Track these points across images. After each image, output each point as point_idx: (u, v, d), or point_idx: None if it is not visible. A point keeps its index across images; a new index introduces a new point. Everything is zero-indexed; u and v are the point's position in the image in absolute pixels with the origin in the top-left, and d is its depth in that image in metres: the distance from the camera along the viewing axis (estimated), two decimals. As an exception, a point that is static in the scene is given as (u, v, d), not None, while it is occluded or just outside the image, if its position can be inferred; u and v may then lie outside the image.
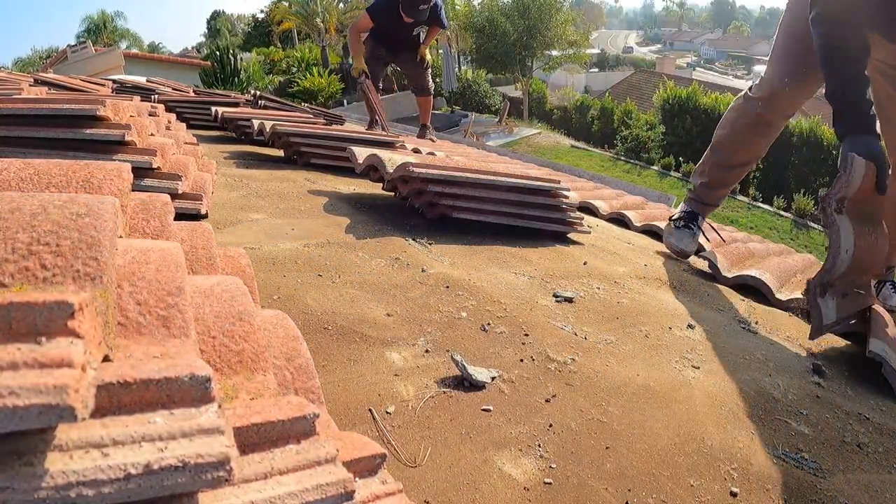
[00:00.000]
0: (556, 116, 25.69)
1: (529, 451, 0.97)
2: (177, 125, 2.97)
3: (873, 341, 1.57)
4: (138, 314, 0.55)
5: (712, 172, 2.52)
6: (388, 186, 2.27)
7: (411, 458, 0.91)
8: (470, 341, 1.30)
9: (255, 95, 5.34)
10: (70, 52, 18.75)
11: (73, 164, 0.92)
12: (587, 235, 2.43)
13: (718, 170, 2.50)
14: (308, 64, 23.10)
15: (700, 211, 2.56)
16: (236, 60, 14.97)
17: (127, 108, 1.80)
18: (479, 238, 2.06)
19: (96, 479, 0.38)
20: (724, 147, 2.47)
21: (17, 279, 0.46)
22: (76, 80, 4.14)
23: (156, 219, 0.91)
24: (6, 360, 0.38)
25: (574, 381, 1.20)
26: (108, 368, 0.44)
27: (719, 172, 2.51)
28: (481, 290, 1.57)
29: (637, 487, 0.94)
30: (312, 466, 0.53)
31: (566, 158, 17.16)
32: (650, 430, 1.08)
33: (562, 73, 28.05)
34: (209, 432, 0.43)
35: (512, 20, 24.25)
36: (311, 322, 1.25)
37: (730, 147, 2.45)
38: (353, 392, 1.05)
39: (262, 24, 35.56)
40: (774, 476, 1.04)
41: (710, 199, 2.58)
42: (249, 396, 0.60)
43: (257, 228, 1.81)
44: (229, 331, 0.65)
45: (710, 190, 2.55)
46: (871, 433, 1.28)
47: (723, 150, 2.47)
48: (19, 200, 0.54)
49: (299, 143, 2.98)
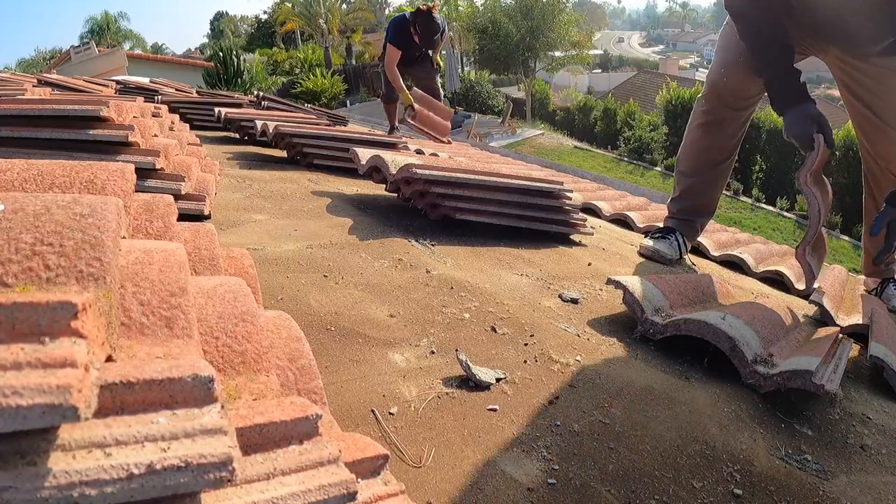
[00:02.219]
0: (559, 117, 25.67)
1: (532, 453, 0.97)
2: (180, 126, 2.98)
3: (874, 345, 1.57)
4: (141, 314, 0.55)
5: (679, 184, 2.48)
6: (391, 188, 2.27)
7: (414, 458, 0.91)
8: (473, 342, 1.30)
9: (258, 96, 5.35)
10: (74, 52, 18.80)
11: (76, 164, 0.92)
12: (590, 237, 2.43)
13: (683, 179, 2.45)
14: (311, 65, 23.13)
15: (677, 228, 2.47)
16: (239, 61, 14.97)
17: (130, 109, 1.81)
18: (483, 239, 2.06)
19: (99, 478, 0.38)
20: (685, 155, 2.43)
21: (20, 279, 0.46)
22: (79, 81, 4.15)
23: (159, 219, 0.91)
24: (10, 359, 0.38)
25: (577, 383, 1.20)
26: (111, 368, 0.44)
27: (684, 182, 2.45)
28: (484, 291, 1.57)
29: (640, 489, 0.93)
30: (315, 467, 0.53)
31: (569, 159, 17.16)
32: (653, 431, 1.08)
33: (565, 73, 28.03)
34: (212, 433, 0.43)
35: (515, 21, 24.24)
36: (314, 323, 1.25)
37: (689, 154, 2.41)
38: (356, 393, 1.05)
39: (266, 24, 35.63)
40: (777, 478, 1.03)
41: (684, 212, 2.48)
42: (252, 397, 0.60)
43: (260, 229, 1.81)
44: (232, 331, 0.65)
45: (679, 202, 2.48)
46: (874, 435, 1.27)
47: (685, 159, 2.43)
48: (23, 201, 0.54)
49: (302, 144, 2.98)
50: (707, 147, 2.35)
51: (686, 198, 2.46)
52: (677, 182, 2.49)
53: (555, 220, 2.29)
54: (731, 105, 2.26)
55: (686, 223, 2.48)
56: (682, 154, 2.45)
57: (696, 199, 2.46)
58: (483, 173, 2.21)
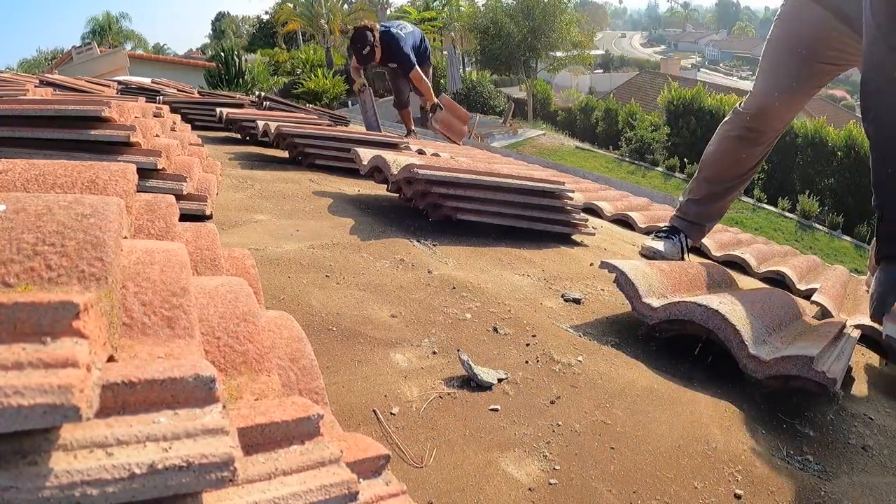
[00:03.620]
0: (560, 118, 25.68)
1: (534, 453, 0.97)
2: (182, 126, 2.98)
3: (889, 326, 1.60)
4: (143, 315, 0.55)
5: (700, 189, 2.43)
6: (393, 188, 2.27)
7: (416, 459, 0.91)
8: (475, 343, 1.30)
9: (259, 97, 5.35)
10: (75, 53, 18.82)
11: (78, 164, 0.92)
12: (592, 237, 2.43)
13: (706, 185, 2.41)
14: (313, 65, 23.11)
15: (683, 229, 2.44)
16: (241, 62, 14.99)
17: (132, 109, 1.81)
18: (484, 239, 2.06)
19: (100, 478, 0.38)
20: (712, 162, 2.39)
21: (22, 279, 0.46)
22: (81, 82, 4.16)
23: (160, 220, 0.91)
24: (11, 359, 0.38)
25: (578, 383, 1.20)
26: (112, 368, 0.44)
27: (706, 188, 2.41)
28: (486, 291, 1.57)
29: (641, 489, 0.93)
30: (316, 467, 0.53)
31: (571, 160, 17.15)
32: (654, 431, 1.08)
33: (566, 74, 28.07)
34: (213, 433, 0.43)
35: (516, 21, 24.26)
36: (316, 323, 1.25)
37: (718, 162, 2.37)
38: (358, 393, 1.05)
39: (267, 25, 35.64)
40: (779, 479, 1.03)
41: (696, 216, 2.45)
42: (254, 397, 0.60)
43: (262, 229, 1.81)
44: (234, 331, 0.65)
45: (696, 206, 2.44)
46: (875, 435, 1.27)
47: (712, 165, 2.39)
48: (25, 201, 0.54)
49: (304, 145, 2.98)
50: (739, 159, 2.32)
51: (705, 202, 2.43)
52: (698, 186, 2.44)
53: (556, 221, 2.28)
54: (776, 127, 2.24)
55: (695, 226, 2.46)
56: (709, 160, 2.40)
57: (713, 204, 2.44)
58: (484, 173, 2.21)
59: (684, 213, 2.47)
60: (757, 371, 1.25)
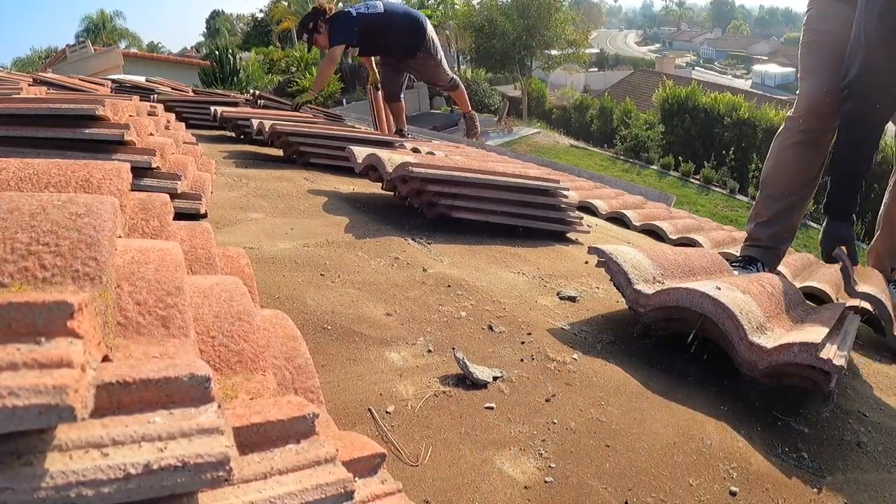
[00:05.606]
0: (555, 116, 25.70)
1: (529, 451, 0.97)
2: (176, 125, 2.97)
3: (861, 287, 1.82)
4: (138, 314, 0.55)
5: (766, 209, 2.34)
6: (388, 186, 2.27)
7: (411, 457, 0.92)
8: (470, 341, 1.30)
9: (254, 95, 5.34)
10: (69, 51, 18.72)
11: (72, 163, 0.92)
12: (587, 235, 2.43)
13: (772, 203, 2.31)
14: (307, 63, 23.06)
15: (758, 256, 2.34)
16: (235, 60, 14.94)
17: (126, 108, 1.80)
18: (479, 237, 2.06)
19: (96, 479, 0.38)
20: (774, 177, 2.30)
21: (16, 279, 0.46)
22: (75, 80, 4.14)
23: (155, 218, 0.91)
24: (6, 360, 0.38)
25: (574, 381, 1.20)
26: (107, 368, 0.44)
27: (773, 207, 2.31)
28: (481, 289, 1.57)
29: (637, 486, 0.94)
30: (312, 466, 0.53)
31: (565, 158, 17.16)
32: (649, 429, 1.09)
33: (561, 72, 28.06)
34: (209, 432, 0.43)
35: (511, 20, 24.26)
36: (311, 322, 1.25)
37: (780, 175, 2.29)
38: (353, 392, 1.05)
39: (262, 23, 35.54)
40: (774, 475, 1.04)
41: (768, 239, 2.34)
42: (249, 396, 0.60)
43: (257, 228, 1.81)
44: (228, 331, 0.65)
45: (766, 228, 2.34)
46: (870, 432, 1.28)
47: (773, 181, 2.30)
48: (18, 200, 0.54)
49: (299, 143, 2.98)
50: (802, 168, 2.26)
51: (775, 222, 2.33)
52: (764, 207, 2.35)
53: (551, 219, 2.29)
54: (829, 124, 2.15)
55: (770, 251, 2.37)
56: (770, 177, 2.32)
57: (784, 222, 2.34)
58: (479, 172, 2.21)
59: (756, 239, 2.38)
60: (758, 360, 1.20)
